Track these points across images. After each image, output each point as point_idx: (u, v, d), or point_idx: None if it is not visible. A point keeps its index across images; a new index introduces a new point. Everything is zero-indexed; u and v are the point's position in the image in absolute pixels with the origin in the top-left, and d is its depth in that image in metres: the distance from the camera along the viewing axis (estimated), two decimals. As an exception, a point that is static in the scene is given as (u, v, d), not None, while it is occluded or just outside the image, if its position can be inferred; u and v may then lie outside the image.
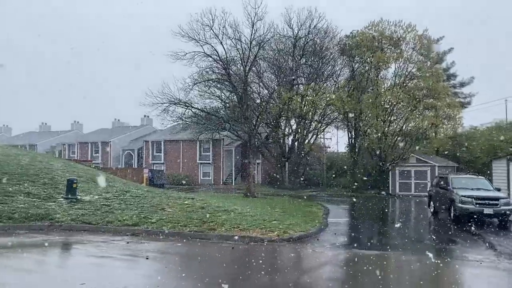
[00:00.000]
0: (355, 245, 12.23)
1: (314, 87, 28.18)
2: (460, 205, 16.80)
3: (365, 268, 9.31)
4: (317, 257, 10.35)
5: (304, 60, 30.89)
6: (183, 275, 7.97)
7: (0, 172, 16.91)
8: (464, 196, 16.86)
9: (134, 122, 69.71)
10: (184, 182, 49.09)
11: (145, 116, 66.24)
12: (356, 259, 10.21)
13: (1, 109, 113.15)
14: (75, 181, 15.88)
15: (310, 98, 26.82)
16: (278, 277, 8.13)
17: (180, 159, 53.84)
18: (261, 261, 9.31)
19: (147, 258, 8.79)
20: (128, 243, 10.84)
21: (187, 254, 10.03)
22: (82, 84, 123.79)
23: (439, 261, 10.22)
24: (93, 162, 58.39)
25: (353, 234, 14.51)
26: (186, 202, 16.55)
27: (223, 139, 49.26)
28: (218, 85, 36.52)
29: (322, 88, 30.25)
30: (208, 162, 51.95)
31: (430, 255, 10.70)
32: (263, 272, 8.40)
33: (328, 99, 28.34)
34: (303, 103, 27.65)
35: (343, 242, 12.54)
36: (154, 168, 50.61)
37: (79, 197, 15.95)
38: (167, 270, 8.20)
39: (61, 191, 16.23)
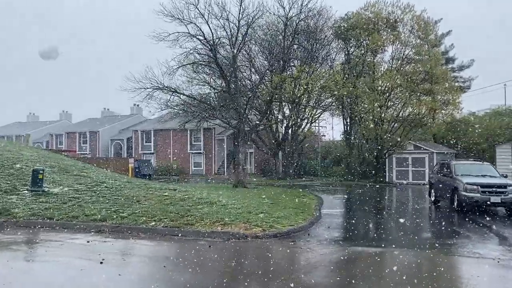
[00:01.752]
0: (350, 240, 10.84)
1: (308, 69, 26.52)
2: (464, 193, 15.45)
3: (361, 269, 7.92)
4: (307, 256, 8.94)
5: (296, 41, 29.17)
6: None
7: (-41, 162, 15.33)
8: (469, 184, 15.49)
9: (125, 112, 67.83)
10: (174, 172, 47.63)
11: (135, 105, 64.25)
12: (351, 258, 8.83)
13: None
14: (41, 172, 14.35)
15: (304, 81, 25.19)
16: (255, 286, 6.72)
17: (171, 149, 52.30)
18: (239, 263, 7.90)
19: (101, 263, 7.32)
20: (88, 242, 9.37)
21: (154, 255, 8.57)
22: (70, 73, 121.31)
23: (447, 259, 8.85)
24: (79, 152, 56.90)
25: (348, 228, 13.11)
26: (165, 194, 15.06)
27: (214, 128, 47.70)
28: (207, 71, 34.87)
29: (316, 70, 28.61)
30: (199, 151, 50.47)
31: (436, 251, 9.33)
32: (239, 277, 6.99)
33: (322, 82, 26.69)
34: (296, 86, 26.08)
35: (337, 237, 11.15)
36: (144, 158, 49.04)
37: (46, 189, 14.44)
38: (119, 279, 6.68)
39: (28, 183, 14.69)
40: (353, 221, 14.29)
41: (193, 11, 24.03)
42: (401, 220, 14.27)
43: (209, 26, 24.46)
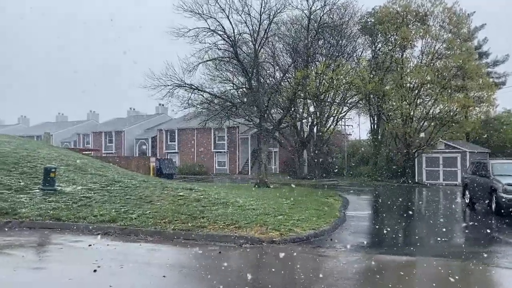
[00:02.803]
0: (378, 247, 9.80)
1: (333, 64, 25.33)
2: (503, 195, 14.09)
3: (391, 281, 6.91)
4: (329, 265, 7.98)
5: (320, 35, 27.99)
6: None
7: (-27, 160, 15.06)
8: (509, 185, 14.12)
9: (151, 112, 68.10)
10: (198, 171, 47.22)
11: (160, 104, 64.25)
12: (379, 268, 7.81)
13: (20, 100, 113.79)
14: (53, 170, 13.88)
15: (328, 76, 24.03)
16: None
17: (195, 148, 51.99)
18: (250, 274, 7.00)
19: (95, 271, 6.59)
20: (90, 245, 8.69)
21: (156, 262, 7.78)
22: (96, 73, 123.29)
23: (486, 271, 7.71)
24: (105, 152, 57.35)
25: (375, 232, 12.02)
26: (180, 194, 14.34)
27: (238, 126, 47.04)
28: (230, 69, 34.17)
29: (342, 66, 27.36)
30: (223, 150, 49.91)
31: (474, 261, 8.20)
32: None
33: (348, 78, 25.41)
34: (320, 81, 24.93)
35: (363, 243, 10.10)
36: (168, 157, 48.85)
37: (58, 188, 13.97)
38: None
39: (40, 181, 14.26)
40: (381, 225, 13.18)
41: (214, 6, 23.34)
42: (433, 224, 13.08)
43: (230, 21, 23.73)
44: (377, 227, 12.97)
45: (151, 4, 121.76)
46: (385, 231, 11.92)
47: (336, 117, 37.79)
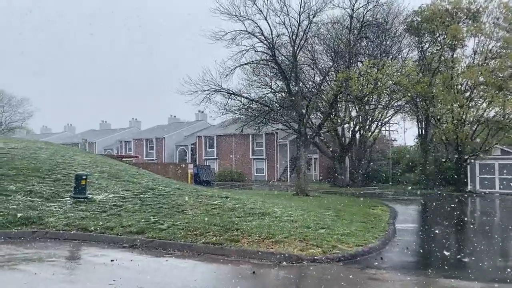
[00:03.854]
0: (436, 268, 8.39)
1: (377, 63, 23.81)
2: None
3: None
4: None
5: (363, 34, 26.51)
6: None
7: (8, 167, 14.88)
8: None
9: (191, 119, 68.56)
10: (236, 178, 46.65)
11: (199, 111, 64.33)
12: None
13: (66, 108, 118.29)
14: (84, 177, 13.40)
15: (372, 76, 22.57)
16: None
17: (233, 155, 51.46)
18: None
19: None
20: (112, 261, 7.90)
21: (179, 285, 6.83)
22: (140, 80, 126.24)
23: None
24: (146, 159, 57.99)
25: (431, 250, 10.56)
26: (214, 203, 13.48)
27: (276, 132, 46.09)
28: (268, 73, 33.32)
29: (387, 64, 25.71)
30: (261, 157, 49.06)
31: None
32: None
33: (394, 78, 23.75)
34: (364, 83, 23.49)
35: (418, 263, 8.78)
36: (206, 164, 48.56)
37: (89, 196, 13.47)
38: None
39: (72, 189, 13.83)
40: (437, 241, 11.68)
41: (251, 7, 22.56)
42: (499, 242, 11.46)
43: (268, 22, 22.85)
44: (432, 243, 11.50)
45: (191, 8, 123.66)
46: (442, 249, 10.45)
47: (380, 121, 36.00)
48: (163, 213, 11.84)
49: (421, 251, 10.42)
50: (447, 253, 9.97)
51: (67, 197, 13.22)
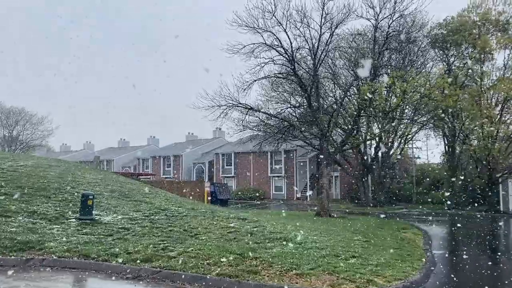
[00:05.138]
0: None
1: (403, 75, 22.50)
2: None
3: None
4: None
5: (389, 45, 25.30)
6: None
7: (13, 186, 14.05)
8: None
9: (208, 136, 67.89)
10: (254, 196, 45.42)
11: (217, 128, 63.85)
12: None
13: (86, 126, 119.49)
14: (90, 197, 12.41)
15: (400, 88, 21.26)
16: None
17: (251, 172, 50.32)
18: None
19: None
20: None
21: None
22: (159, 98, 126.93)
23: None
24: (164, 176, 57.27)
25: (482, 283, 9.09)
26: (231, 225, 12.31)
27: (295, 150, 44.89)
28: (287, 88, 32.40)
29: (415, 75, 24.39)
30: (280, 175, 47.75)
31: None
32: None
33: (424, 90, 22.36)
34: (390, 95, 22.20)
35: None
36: (224, 182, 47.51)
37: (96, 218, 12.47)
38: None
39: (78, 209, 12.87)
40: (486, 271, 10.16)
41: (270, 20, 21.69)
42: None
43: (287, 34, 21.92)
44: (481, 274, 9.99)
45: (212, 20, 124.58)
46: (495, 282, 9.00)
47: (405, 137, 34.47)
48: (173, 237, 10.72)
49: (472, 285, 8.95)
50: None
51: (73, 218, 12.24)
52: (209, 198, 30.32)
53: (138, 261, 8.90)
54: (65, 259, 9.12)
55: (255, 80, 22.77)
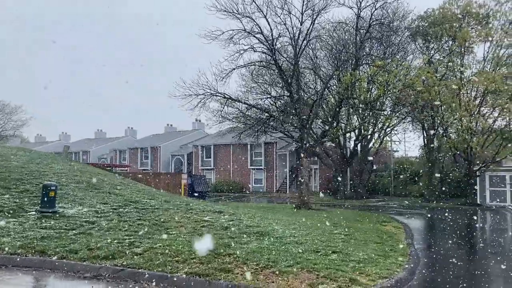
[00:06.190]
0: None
1: (386, 65, 21.94)
2: None
3: None
4: None
5: (372, 34, 24.75)
6: None
7: (-31, 176, 12.98)
8: None
9: (188, 128, 66.59)
10: (234, 189, 44.74)
11: (196, 120, 62.74)
12: None
13: (62, 117, 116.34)
14: (52, 188, 11.46)
15: (382, 77, 20.74)
16: None
17: (231, 165, 49.56)
18: None
19: None
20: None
21: None
22: (138, 89, 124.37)
23: None
24: (141, 168, 55.91)
25: (472, 281, 8.57)
26: (205, 219, 11.57)
27: (276, 142, 44.33)
28: (267, 79, 31.75)
29: (400, 65, 23.97)
30: (260, 167, 47.14)
31: None
32: None
33: (407, 79, 21.85)
34: (370, 86, 21.73)
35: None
36: (201, 174, 46.56)
37: (59, 210, 11.55)
38: None
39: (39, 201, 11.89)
40: (471, 265, 9.70)
41: (249, 5, 20.88)
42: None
43: (267, 21, 21.16)
44: (469, 270, 9.49)
45: (189, 7, 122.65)
46: (486, 279, 8.53)
47: (384, 130, 34.26)
48: (142, 232, 9.91)
49: (461, 283, 8.41)
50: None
51: (33, 211, 11.29)
52: (187, 190, 29.44)
53: (100, 258, 8.08)
54: (17, 257, 8.22)
55: (234, 68, 22.00)
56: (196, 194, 30.88)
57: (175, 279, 7.09)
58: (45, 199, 11.35)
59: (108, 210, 12.07)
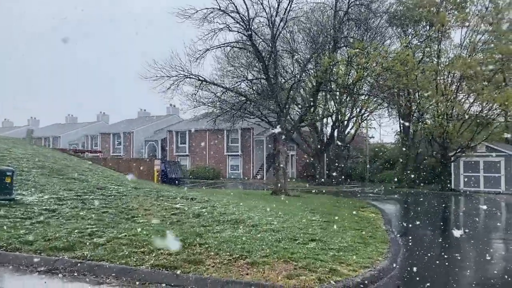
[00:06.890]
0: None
1: (366, 47, 21.46)
2: None
3: None
4: None
5: (351, 15, 24.17)
6: None
7: None
8: None
9: (162, 113, 65.05)
10: (210, 176, 43.95)
11: (171, 105, 61.17)
12: None
13: (30, 100, 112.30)
14: (8, 174, 10.55)
15: (363, 59, 20.28)
16: None
17: (207, 151, 48.66)
18: None
19: None
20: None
21: None
22: (107, 73, 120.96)
23: None
24: (114, 154, 54.41)
25: (457, 269, 8.23)
26: (176, 206, 10.91)
27: (252, 128, 43.65)
28: (244, 63, 30.87)
29: (380, 47, 23.61)
30: (236, 154, 46.46)
31: None
32: None
33: (386, 63, 21.49)
34: (349, 70, 21.30)
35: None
36: (175, 160, 45.57)
37: (18, 197, 10.67)
38: None
39: None
40: (458, 254, 9.35)
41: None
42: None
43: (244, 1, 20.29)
44: (453, 258, 9.13)
45: None
46: (470, 267, 8.20)
47: (361, 116, 34.08)
48: (106, 221, 9.17)
49: (448, 272, 8.02)
50: (481, 273, 7.69)
51: (-13, 198, 10.37)
52: (160, 177, 28.59)
53: (57, 250, 7.33)
54: (-37, 249, 7.39)
55: (209, 49, 21.05)
56: (169, 181, 30.08)
57: (139, 272, 6.42)
58: (2, 185, 10.45)
59: (72, 197, 11.26)
